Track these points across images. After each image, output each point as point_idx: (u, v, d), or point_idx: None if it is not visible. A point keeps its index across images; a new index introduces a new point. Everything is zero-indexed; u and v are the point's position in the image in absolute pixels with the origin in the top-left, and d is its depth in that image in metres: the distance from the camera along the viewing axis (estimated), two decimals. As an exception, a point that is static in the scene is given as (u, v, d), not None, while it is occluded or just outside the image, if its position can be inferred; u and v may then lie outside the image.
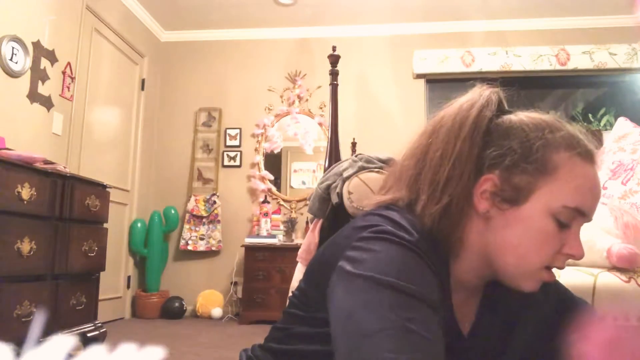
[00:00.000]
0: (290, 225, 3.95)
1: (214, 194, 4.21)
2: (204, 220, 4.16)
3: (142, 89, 4.19)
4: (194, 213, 4.17)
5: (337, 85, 2.02)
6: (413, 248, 0.56)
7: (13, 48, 2.63)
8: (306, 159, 4.32)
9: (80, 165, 3.29)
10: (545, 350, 0.69)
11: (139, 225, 3.93)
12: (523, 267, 0.61)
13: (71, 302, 2.15)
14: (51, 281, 2.04)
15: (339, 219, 1.14)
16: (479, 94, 0.67)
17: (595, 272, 1.26)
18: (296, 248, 2.41)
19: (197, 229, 4.15)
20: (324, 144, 3.97)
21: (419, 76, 4.26)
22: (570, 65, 4.05)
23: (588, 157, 0.61)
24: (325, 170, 1.51)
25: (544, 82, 4.29)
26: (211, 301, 3.95)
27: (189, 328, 3.46)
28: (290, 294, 0.75)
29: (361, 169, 1.14)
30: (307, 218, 3.69)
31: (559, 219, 0.59)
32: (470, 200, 0.63)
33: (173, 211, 4.12)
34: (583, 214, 0.60)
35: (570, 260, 0.63)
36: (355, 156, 1.21)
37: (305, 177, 4.34)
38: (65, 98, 3.12)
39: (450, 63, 4.17)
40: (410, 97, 4.24)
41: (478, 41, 4.20)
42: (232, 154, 4.34)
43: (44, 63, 2.91)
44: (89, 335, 2.24)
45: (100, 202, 2.36)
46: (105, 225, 2.46)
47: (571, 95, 4.60)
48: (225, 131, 4.37)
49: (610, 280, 1.24)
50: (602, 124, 4.19)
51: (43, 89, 2.89)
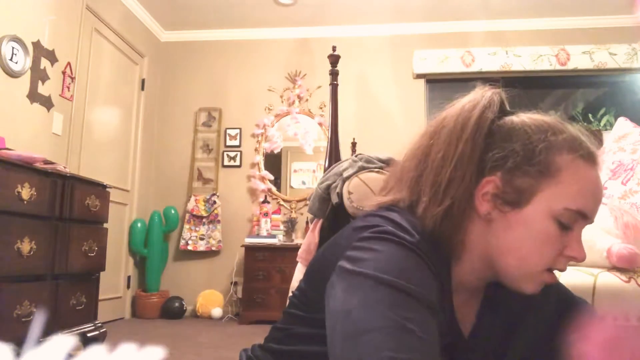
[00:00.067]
0: (290, 225, 3.95)
1: (214, 194, 4.21)
2: (204, 220, 4.16)
3: (142, 89, 4.19)
4: (194, 213, 4.17)
5: (337, 85, 2.02)
6: (414, 249, 0.56)
7: (13, 48, 2.63)
8: (306, 159, 4.33)
9: (80, 165, 3.29)
10: (545, 350, 0.69)
11: (139, 225, 3.93)
12: (524, 269, 0.61)
13: (71, 302, 2.15)
14: (51, 281, 2.04)
15: (339, 219, 1.14)
16: (481, 95, 0.66)
17: (595, 272, 1.26)
18: (296, 248, 2.41)
19: (197, 229, 4.15)
20: (324, 144, 3.97)
21: (419, 76, 4.27)
22: (570, 65, 4.05)
23: (590, 160, 0.61)
24: (325, 170, 1.51)
25: (544, 82, 4.29)
26: (211, 301, 3.95)
27: (189, 328, 3.46)
28: (290, 294, 0.75)
29: (361, 169, 1.14)
30: (307, 218, 3.69)
31: (560, 221, 0.59)
32: (471, 202, 0.62)
33: (173, 211, 4.12)
34: (585, 217, 0.60)
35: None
36: (355, 156, 1.21)
37: (305, 177, 4.34)
38: (65, 98, 3.12)
39: (450, 63, 4.17)
40: (410, 97, 4.24)
41: (478, 41, 4.20)
42: (232, 154, 4.34)
43: (44, 63, 2.91)
44: (89, 335, 2.24)
45: (100, 202, 2.36)
46: (105, 225, 2.47)
47: (571, 95, 4.60)
48: (225, 131, 4.37)
49: (610, 280, 1.24)
50: (602, 124, 4.19)
51: (43, 89, 2.89)
